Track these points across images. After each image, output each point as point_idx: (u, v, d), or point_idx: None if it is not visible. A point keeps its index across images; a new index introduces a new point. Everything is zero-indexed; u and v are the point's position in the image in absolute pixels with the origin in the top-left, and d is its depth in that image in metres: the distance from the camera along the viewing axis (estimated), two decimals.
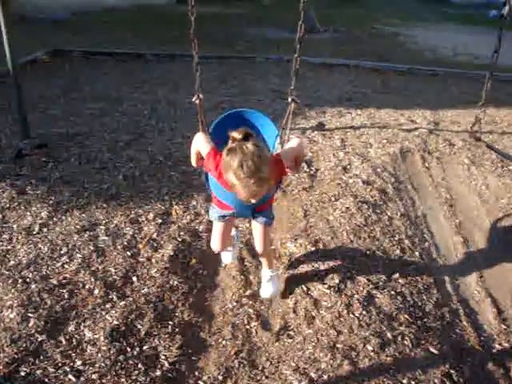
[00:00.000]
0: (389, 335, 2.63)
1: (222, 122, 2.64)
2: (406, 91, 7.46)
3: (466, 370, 2.53)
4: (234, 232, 3.15)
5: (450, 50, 10.73)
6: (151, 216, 3.60)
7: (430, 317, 2.86)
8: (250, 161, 1.99)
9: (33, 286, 2.80)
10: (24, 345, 2.41)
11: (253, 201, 2.15)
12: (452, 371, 2.47)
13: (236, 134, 2.12)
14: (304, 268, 3.16)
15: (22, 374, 2.28)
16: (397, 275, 3.17)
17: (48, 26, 10.85)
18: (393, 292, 2.99)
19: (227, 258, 3.11)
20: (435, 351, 2.58)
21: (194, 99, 2.56)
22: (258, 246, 2.80)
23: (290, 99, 2.51)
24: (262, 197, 2.18)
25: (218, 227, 2.75)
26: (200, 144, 2.42)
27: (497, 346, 2.81)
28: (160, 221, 3.55)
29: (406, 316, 2.80)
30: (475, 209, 4.11)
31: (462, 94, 7.46)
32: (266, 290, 2.90)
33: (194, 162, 2.51)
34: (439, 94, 7.37)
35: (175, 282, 2.97)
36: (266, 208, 2.66)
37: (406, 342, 2.60)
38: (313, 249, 3.33)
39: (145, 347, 2.50)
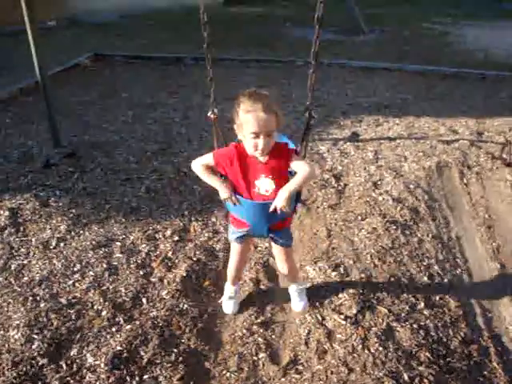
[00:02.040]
0: (405, 376, 2.43)
1: None
2: (450, 97, 7.06)
3: None
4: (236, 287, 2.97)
5: (502, 50, 10.11)
6: (168, 233, 3.52)
7: (454, 355, 2.63)
8: (259, 94, 2.15)
9: (42, 305, 2.79)
10: (24, 369, 2.39)
11: (260, 144, 2.13)
12: None
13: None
14: (321, 294, 3.00)
15: None
16: (421, 306, 2.95)
17: (96, 28, 11.09)
18: (415, 325, 2.78)
19: (229, 308, 2.91)
20: None
21: (208, 114, 2.45)
22: (282, 268, 2.81)
23: (306, 114, 2.33)
24: (270, 138, 2.16)
25: (234, 250, 2.73)
26: (201, 158, 2.39)
27: None
28: (177, 238, 3.47)
29: (427, 354, 2.59)
30: None
31: None
32: (297, 305, 2.93)
33: (205, 177, 2.40)
34: (487, 100, 6.94)
35: (185, 306, 2.88)
36: (281, 228, 2.55)
37: None
38: (333, 274, 3.15)
39: (145, 376, 2.41)
